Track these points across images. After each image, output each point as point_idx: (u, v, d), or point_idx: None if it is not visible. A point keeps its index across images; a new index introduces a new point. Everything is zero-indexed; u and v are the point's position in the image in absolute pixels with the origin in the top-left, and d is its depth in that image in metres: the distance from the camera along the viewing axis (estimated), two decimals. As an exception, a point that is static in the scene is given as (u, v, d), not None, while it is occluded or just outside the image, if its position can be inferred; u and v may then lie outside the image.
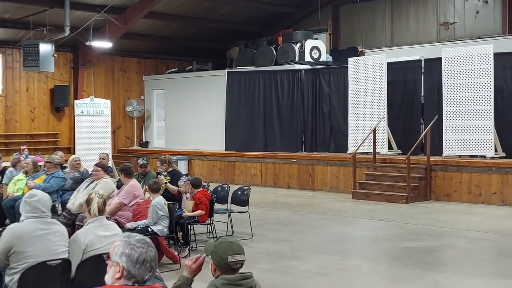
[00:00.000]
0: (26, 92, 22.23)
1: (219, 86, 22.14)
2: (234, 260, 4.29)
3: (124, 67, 24.96)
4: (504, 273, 9.12)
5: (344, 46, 23.89)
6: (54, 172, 11.94)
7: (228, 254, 4.30)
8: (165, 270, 8.47)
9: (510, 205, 15.04)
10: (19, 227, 5.86)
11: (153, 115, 25.17)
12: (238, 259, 4.30)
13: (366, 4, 23.43)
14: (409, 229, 12.35)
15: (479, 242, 11.11)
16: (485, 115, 15.90)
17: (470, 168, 15.84)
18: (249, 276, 4.33)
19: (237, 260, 4.29)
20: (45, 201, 6.01)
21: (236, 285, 4.26)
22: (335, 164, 18.42)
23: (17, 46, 21.16)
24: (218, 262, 4.34)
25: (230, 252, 4.30)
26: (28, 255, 5.71)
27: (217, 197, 11.91)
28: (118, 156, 23.22)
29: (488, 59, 15.91)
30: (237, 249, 4.33)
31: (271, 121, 20.82)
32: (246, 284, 4.28)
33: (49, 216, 6.03)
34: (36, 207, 5.90)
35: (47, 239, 5.85)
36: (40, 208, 5.91)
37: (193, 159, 22.07)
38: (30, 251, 5.73)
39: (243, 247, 4.39)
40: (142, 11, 20.58)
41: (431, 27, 21.88)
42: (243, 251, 4.36)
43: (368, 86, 18.09)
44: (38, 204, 5.91)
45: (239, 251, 4.33)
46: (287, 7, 24.34)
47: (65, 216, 10.21)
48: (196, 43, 25.48)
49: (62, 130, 23.09)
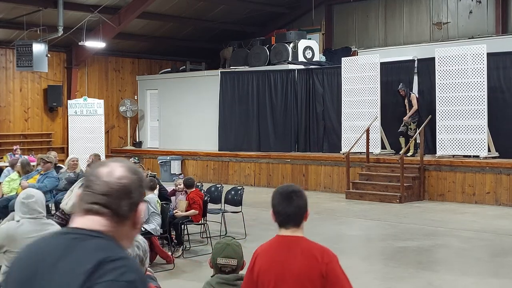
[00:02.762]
0: (20, 92, 22.18)
1: (212, 86, 22.14)
2: (222, 262, 4.31)
3: (118, 67, 24.93)
4: (497, 272, 9.16)
5: (337, 46, 23.90)
6: (48, 172, 11.93)
7: (219, 256, 4.32)
8: (158, 270, 8.46)
9: (503, 205, 15.09)
10: (14, 228, 5.82)
11: (147, 115, 25.14)
12: (227, 262, 4.31)
13: (359, 4, 23.45)
14: (403, 229, 12.38)
15: (472, 241, 11.14)
16: (478, 115, 15.94)
17: (463, 168, 15.88)
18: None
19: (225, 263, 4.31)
20: (41, 202, 6.01)
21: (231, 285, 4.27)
22: (329, 164, 18.44)
23: (10, 46, 21.11)
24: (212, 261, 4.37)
25: (221, 254, 4.32)
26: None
27: (210, 197, 11.92)
28: (111, 156, 23.18)
29: (481, 59, 15.95)
30: (229, 252, 4.34)
31: (264, 121, 20.82)
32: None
33: (45, 216, 6.03)
34: (33, 209, 5.88)
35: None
36: (37, 209, 5.90)
37: (186, 159, 22.06)
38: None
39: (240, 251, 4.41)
40: (135, 11, 20.55)
41: (425, 27, 21.91)
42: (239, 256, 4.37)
43: (361, 86, 18.11)
44: (35, 205, 5.90)
45: (231, 255, 4.33)
46: (280, 7, 24.34)
47: (58, 216, 10.21)
48: (190, 43, 25.47)
49: (56, 130, 23.04)
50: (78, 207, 2.23)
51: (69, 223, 2.25)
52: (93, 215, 2.19)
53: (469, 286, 8.33)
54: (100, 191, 2.20)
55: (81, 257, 2.08)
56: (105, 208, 2.19)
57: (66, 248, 2.13)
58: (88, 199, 2.21)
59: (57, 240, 2.20)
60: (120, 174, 2.22)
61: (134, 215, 2.25)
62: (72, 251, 2.11)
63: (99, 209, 2.19)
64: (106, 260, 2.06)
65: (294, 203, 3.71)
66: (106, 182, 2.20)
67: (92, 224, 2.18)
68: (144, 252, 3.65)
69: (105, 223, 2.19)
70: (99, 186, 2.20)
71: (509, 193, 15.15)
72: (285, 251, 3.69)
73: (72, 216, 2.26)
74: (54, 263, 2.11)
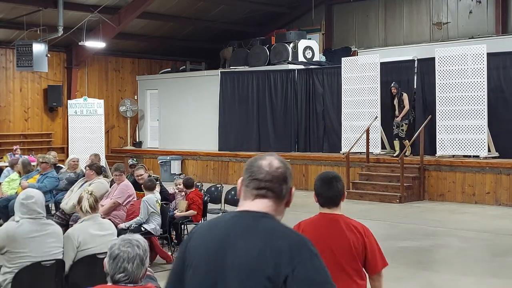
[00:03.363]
0: (20, 92, 22.17)
1: (212, 86, 22.13)
2: None
3: (118, 67, 24.92)
4: (497, 272, 9.16)
5: (337, 46, 23.90)
6: (48, 172, 11.92)
7: None
8: (158, 270, 8.46)
9: (503, 205, 15.09)
10: (14, 228, 5.82)
11: (147, 115, 25.14)
12: None
13: (359, 4, 23.44)
14: (403, 229, 12.38)
15: (472, 241, 11.14)
16: (478, 115, 15.94)
17: (463, 168, 15.88)
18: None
19: None
20: (41, 202, 6.01)
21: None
22: (329, 164, 18.43)
23: (10, 46, 21.10)
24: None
25: None
26: (22, 256, 5.70)
27: (210, 197, 11.91)
28: (111, 156, 23.19)
29: (481, 59, 15.94)
30: None
31: (264, 121, 20.82)
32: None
33: (44, 216, 6.02)
34: (32, 209, 5.88)
35: (42, 241, 5.84)
36: (36, 209, 5.90)
37: (186, 159, 22.05)
38: (24, 252, 5.71)
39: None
40: (135, 11, 20.54)
41: (425, 27, 21.90)
42: None
43: (361, 86, 18.11)
44: (35, 205, 5.89)
45: None
46: (280, 7, 24.33)
47: (58, 216, 10.22)
48: (190, 43, 25.47)
49: (56, 130, 23.03)
50: (245, 193, 2.79)
51: (239, 207, 2.80)
52: (261, 198, 2.75)
53: (469, 286, 8.33)
54: (265, 179, 2.75)
55: (266, 237, 2.62)
56: (270, 192, 2.75)
57: (247, 227, 2.67)
58: (255, 186, 2.76)
59: (236, 219, 2.75)
60: (278, 165, 2.78)
61: (289, 196, 2.80)
62: (254, 230, 2.66)
63: (265, 193, 2.75)
64: (293, 241, 2.62)
65: (334, 187, 4.40)
66: (269, 172, 2.75)
67: (261, 206, 2.74)
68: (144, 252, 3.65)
69: (270, 205, 2.75)
70: (263, 175, 2.76)
71: (509, 193, 15.14)
72: (330, 226, 4.36)
73: (243, 201, 2.79)
74: (240, 239, 2.63)
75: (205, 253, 2.67)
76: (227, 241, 2.64)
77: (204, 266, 2.66)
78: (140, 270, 3.61)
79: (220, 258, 2.62)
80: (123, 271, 3.56)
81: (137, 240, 3.67)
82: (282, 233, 2.65)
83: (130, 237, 3.70)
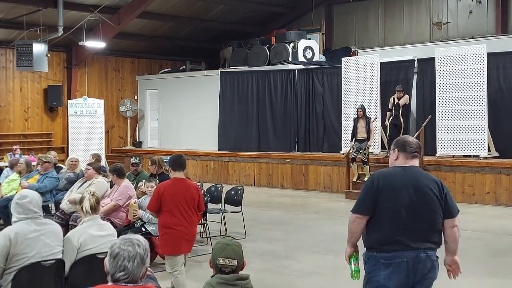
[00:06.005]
0: (20, 92, 22.18)
1: (212, 86, 22.14)
2: (222, 263, 4.30)
3: (118, 67, 24.93)
4: (497, 272, 9.16)
5: (337, 46, 23.92)
6: (48, 172, 11.92)
7: (219, 256, 4.31)
8: (158, 270, 8.45)
9: (503, 205, 15.10)
10: (12, 230, 5.78)
11: (147, 115, 25.14)
12: (227, 263, 4.30)
13: (359, 4, 23.46)
14: (403, 229, 12.35)
15: (472, 241, 11.13)
16: (478, 115, 15.96)
17: (463, 168, 15.88)
18: (245, 277, 4.34)
19: (225, 263, 4.30)
20: (36, 201, 5.96)
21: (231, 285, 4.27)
22: (329, 164, 18.44)
23: (10, 46, 21.11)
24: (211, 261, 4.37)
25: (221, 254, 4.31)
26: (22, 257, 5.68)
27: (210, 197, 11.91)
28: (111, 156, 23.20)
29: (481, 59, 15.95)
30: (229, 253, 4.33)
31: (264, 121, 20.83)
32: (241, 285, 4.29)
33: (41, 216, 5.99)
34: (28, 208, 5.85)
35: (41, 241, 5.82)
36: (32, 209, 5.87)
37: (186, 159, 21.94)
38: (24, 253, 5.69)
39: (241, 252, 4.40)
40: (135, 11, 20.55)
41: (424, 27, 21.92)
42: (239, 256, 4.36)
43: (361, 86, 18.11)
44: (29, 205, 5.86)
45: (231, 256, 4.32)
46: (280, 7, 24.35)
47: (58, 216, 10.23)
48: (190, 43, 25.48)
49: (56, 130, 23.04)
50: (405, 155, 5.18)
51: (406, 163, 5.21)
52: (415, 158, 5.19)
53: (469, 286, 8.33)
54: (416, 146, 5.20)
55: (430, 177, 5.19)
56: (418, 154, 5.25)
57: (418, 173, 5.16)
58: (412, 150, 5.16)
59: (409, 170, 5.13)
60: (414, 139, 5.29)
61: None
62: (423, 174, 5.22)
63: (417, 155, 5.21)
64: (438, 180, 5.19)
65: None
66: (417, 142, 5.25)
67: (416, 163, 5.20)
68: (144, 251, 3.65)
69: (418, 162, 5.27)
70: (414, 144, 5.20)
71: (508, 193, 15.16)
72: (412, 175, 5.16)
73: (405, 160, 5.18)
74: (423, 178, 5.12)
75: (402, 184, 5.03)
76: (418, 179, 5.08)
77: (405, 191, 5.01)
78: (140, 269, 3.60)
79: (417, 186, 5.03)
80: (123, 270, 3.56)
81: (138, 239, 3.68)
82: (430, 176, 5.24)
83: (130, 236, 3.70)
